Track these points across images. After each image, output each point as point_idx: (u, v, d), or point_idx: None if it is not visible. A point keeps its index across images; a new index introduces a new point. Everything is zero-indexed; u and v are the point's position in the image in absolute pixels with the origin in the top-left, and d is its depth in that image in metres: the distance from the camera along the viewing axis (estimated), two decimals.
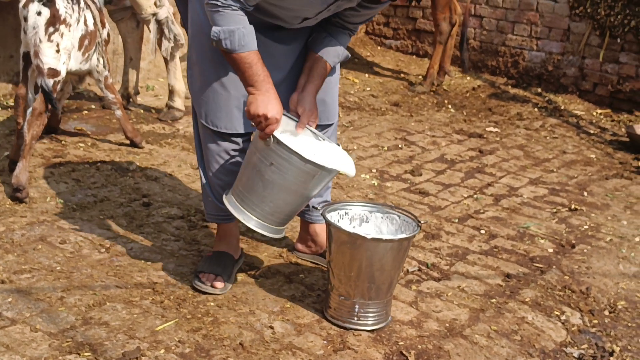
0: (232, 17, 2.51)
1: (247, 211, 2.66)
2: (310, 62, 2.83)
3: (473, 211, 3.98)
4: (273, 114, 2.54)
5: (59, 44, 3.53)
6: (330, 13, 2.73)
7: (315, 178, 2.61)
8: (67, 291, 2.77)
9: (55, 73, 3.53)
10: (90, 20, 3.81)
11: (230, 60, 2.59)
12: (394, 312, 2.87)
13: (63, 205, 3.50)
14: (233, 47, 2.52)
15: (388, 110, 5.94)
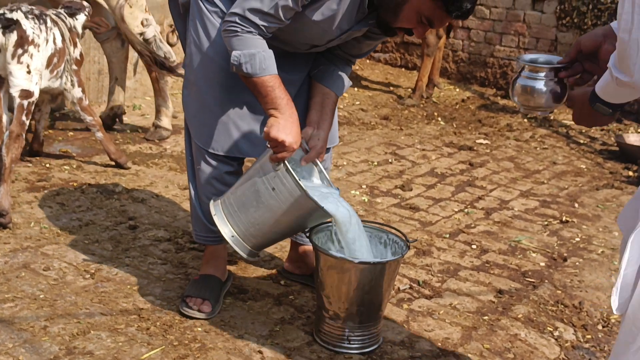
0: (251, 41, 2.48)
1: (229, 224, 2.60)
2: (320, 96, 2.82)
3: (464, 226, 3.94)
4: (292, 141, 2.49)
5: (29, 65, 3.50)
6: (340, 42, 2.73)
7: (310, 215, 2.59)
8: (50, 320, 2.71)
9: (29, 94, 3.50)
10: (59, 37, 3.78)
11: (251, 85, 2.54)
12: (385, 333, 2.82)
13: (47, 231, 3.45)
14: (254, 70, 2.48)
15: (378, 124, 5.90)
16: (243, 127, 2.79)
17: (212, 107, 2.77)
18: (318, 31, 2.64)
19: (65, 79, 3.94)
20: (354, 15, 2.60)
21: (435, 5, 2.43)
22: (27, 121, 3.51)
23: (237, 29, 2.48)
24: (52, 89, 3.92)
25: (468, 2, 2.43)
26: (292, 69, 2.81)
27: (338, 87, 2.87)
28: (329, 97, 2.84)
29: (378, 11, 2.57)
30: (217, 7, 2.70)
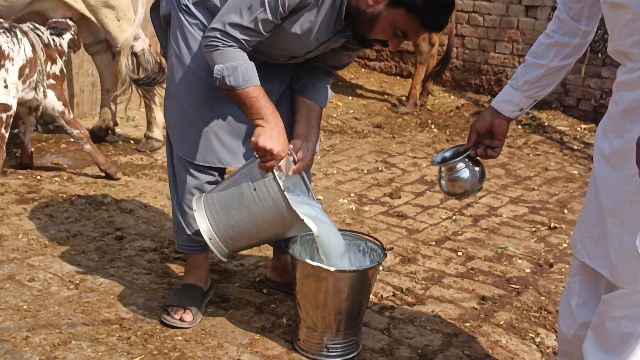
0: (233, 54, 2.51)
1: (209, 222, 2.62)
2: (304, 109, 2.86)
3: (451, 233, 3.96)
4: (279, 149, 2.51)
5: (6, 79, 3.54)
6: (318, 53, 2.76)
7: (290, 227, 2.61)
8: (32, 330, 2.74)
9: (6, 108, 3.56)
10: (29, 48, 3.84)
11: (235, 97, 2.56)
12: (366, 340, 2.84)
13: (35, 242, 3.48)
14: (237, 83, 2.51)
15: (370, 133, 5.93)
16: (224, 138, 2.82)
17: (193, 118, 2.79)
18: (296, 43, 2.67)
19: (39, 90, 3.98)
20: (331, 27, 2.63)
21: (410, 18, 2.46)
22: (6, 134, 3.55)
23: (218, 43, 2.51)
24: (27, 100, 3.96)
25: (442, 16, 2.47)
26: (272, 79, 2.84)
27: (321, 99, 2.90)
28: (314, 109, 2.88)
29: (354, 23, 2.60)
30: (197, 20, 2.73)
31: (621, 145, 2.01)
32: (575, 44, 2.20)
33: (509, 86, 2.33)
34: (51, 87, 4.05)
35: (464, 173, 2.41)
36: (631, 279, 1.98)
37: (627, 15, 1.90)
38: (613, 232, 2.01)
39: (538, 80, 2.26)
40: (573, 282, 2.27)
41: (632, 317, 2.05)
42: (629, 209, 1.97)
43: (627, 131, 1.98)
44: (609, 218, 2.02)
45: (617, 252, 2.00)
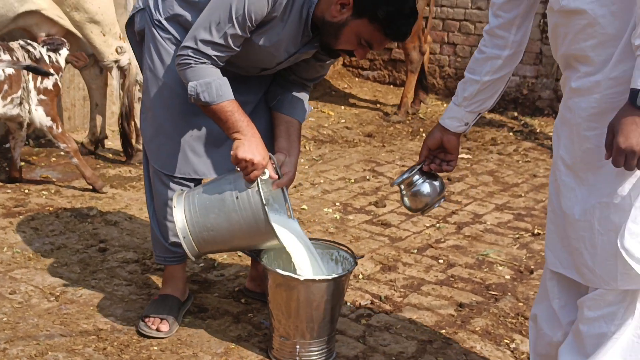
0: (205, 71, 2.55)
1: (186, 220, 2.64)
2: (284, 125, 2.90)
3: (434, 241, 3.98)
4: (260, 159, 2.55)
5: None
6: (289, 64, 2.81)
7: (264, 240, 2.67)
8: (10, 342, 2.77)
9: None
10: None
11: (210, 113, 2.60)
12: (340, 348, 2.86)
13: (19, 255, 3.52)
14: (212, 98, 2.55)
15: (361, 142, 5.96)
16: (199, 149, 2.86)
17: (167, 130, 2.84)
18: (266, 55, 2.72)
19: (26, 106, 4.03)
20: (299, 39, 2.68)
21: (373, 28, 2.51)
22: None
23: (190, 61, 2.55)
24: (13, 116, 4.02)
25: (404, 26, 2.53)
26: (246, 91, 2.88)
27: (299, 114, 2.95)
28: (292, 124, 2.92)
29: (320, 34, 2.64)
30: (170, 34, 2.78)
31: (584, 154, 2.05)
32: (506, 56, 2.25)
33: (452, 103, 2.39)
34: (41, 103, 4.11)
35: (423, 187, 2.48)
36: (610, 278, 2.04)
37: (584, 20, 1.96)
38: (585, 236, 2.06)
39: (475, 95, 2.32)
40: (551, 285, 2.29)
41: (605, 317, 2.09)
42: (599, 212, 2.01)
43: (587, 140, 2.02)
44: (580, 223, 2.07)
45: (592, 255, 2.05)
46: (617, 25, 1.91)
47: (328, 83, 7.69)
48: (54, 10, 4.42)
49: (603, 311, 2.10)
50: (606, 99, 1.96)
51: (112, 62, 4.77)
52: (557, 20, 2.05)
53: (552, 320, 2.32)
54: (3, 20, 4.24)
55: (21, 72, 3.97)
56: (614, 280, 2.03)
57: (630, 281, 2.02)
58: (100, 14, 4.59)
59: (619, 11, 1.90)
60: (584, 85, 2.02)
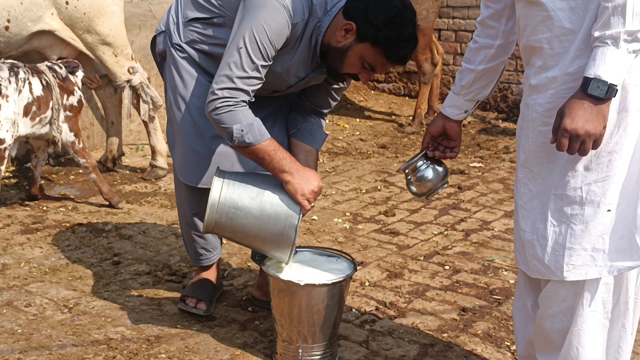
0: (244, 113, 2.61)
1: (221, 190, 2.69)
2: (303, 154, 3.04)
3: (441, 248, 4.04)
4: (318, 185, 2.71)
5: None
6: (298, 88, 2.97)
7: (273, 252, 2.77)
8: (24, 352, 2.88)
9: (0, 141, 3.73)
10: (38, 86, 4.02)
11: (253, 154, 2.65)
12: (343, 353, 2.94)
13: (36, 270, 3.64)
14: (255, 138, 2.61)
15: (374, 153, 6.04)
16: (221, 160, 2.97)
17: (190, 143, 2.97)
18: (278, 79, 2.87)
19: (55, 125, 4.16)
20: (308, 64, 2.84)
21: (375, 52, 2.66)
22: (0, 167, 3.72)
23: (229, 103, 2.59)
24: (42, 135, 4.15)
25: (404, 49, 2.67)
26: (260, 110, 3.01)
27: (317, 142, 3.10)
28: (311, 153, 3.08)
29: (327, 59, 2.79)
30: (186, 53, 2.94)
31: (537, 149, 2.15)
32: (497, 45, 2.34)
33: (451, 92, 2.51)
34: (66, 119, 4.25)
35: (427, 172, 2.61)
36: (557, 269, 2.13)
37: (543, 12, 2.06)
38: (539, 228, 2.16)
39: (472, 84, 2.42)
40: (523, 284, 2.39)
41: (564, 312, 2.17)
42: (553, 204, 2.10)
43: (541, 135, 2.11)
44: (536, 216, 2.17)
45: (543, 247, 2.14)
46: (574, 20, 2.00)
47: (344, 96, 7.79)
48: (67, 32, 4.57)
49: (561, 306, 2.20)
50: (560, 94, 2.06)
51: (124, 82, 4.92)
52: (520, 12, 2.16)
53: (527, 320, 2.40)
54: (18, 39, 4.39)
55: (51, 93, 4.10)
56: (560, 272, 2.13)
57: (576, 273, 2.11)
58: (112, 36, 4.73)
59: (577, 7, 1.99)
60: (541, 81, 2.12)
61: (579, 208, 2.07)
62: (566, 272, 2.11)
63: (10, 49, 4.39)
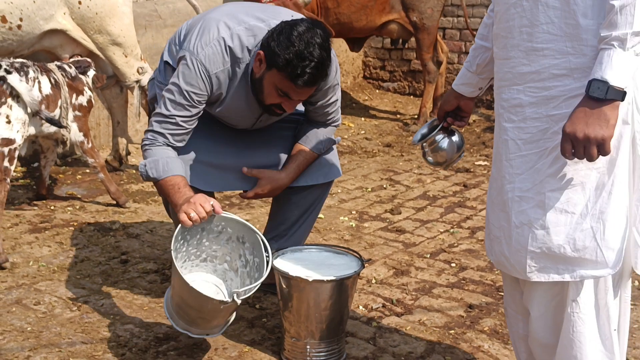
0: (156, 151, 2.82)
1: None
2: (295, 150, 3.16)
3: (447, 245, 4.06)
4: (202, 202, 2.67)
5: (9, 115, 3.74)
6: (263, 124, 3.10)
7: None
8: (34, 350, 2.90)
9: (9, 142, 3.74)
10: (47, 85, 4.03)
11: (158, 188, 2.86)
12: (350, 349, 2.95)
13: (44, 268, 3.66)
14: (158, 174, 2.78)
15: (379, 152, 6.06)
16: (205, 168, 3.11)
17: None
18: (236, 119, 3.04)
19: (65, 124, 4.18)
20: (254, 102, 2.93)
21: (281, 77, 2.71)
22: (10, 167, 3.74)
23: (147, 143, 2.86)
24: (50, 133, 4.17)
25: (306, 69, 2.66)
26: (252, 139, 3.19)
27: (314, 146, 3.18)
28: (302, 152, 3.17)
29: (255, 93, 2.87)
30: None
31: (500, 145, 2.16)
32: None
33: (465, 69, 2.44)
34: (75, 119, 4.27)
35: (444, 143, 2.59)
36: (521, 269, 2.14)
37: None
38: (504, 226, 2.16)
39: (488, 62, 2.35)
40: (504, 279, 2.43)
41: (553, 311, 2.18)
42: (517, 204, 2.10)
43: (504, 131, 2.12)
44: (501, 214, 2.17)
45: (508, 245, 2.15)
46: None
47: (349, 96, 7.81)
48: (78, 32, 4.59)
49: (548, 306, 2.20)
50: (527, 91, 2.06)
51: (133, 82, 4.94)
52: None
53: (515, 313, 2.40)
54: (30, 38, 4.41)
55: (59, 92, 4.13)
56: (524, 272, 2.13)
57: (539, 275, 2.11)
58: (123, 36, 4.76)
59: None
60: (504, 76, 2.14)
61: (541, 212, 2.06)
62: (529, 273, 2.11)
63: (23, 48, 4.41)
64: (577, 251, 2.05)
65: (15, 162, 3.77)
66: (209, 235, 2.82)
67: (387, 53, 8.17)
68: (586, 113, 1.87)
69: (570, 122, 1.89)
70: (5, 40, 4.30)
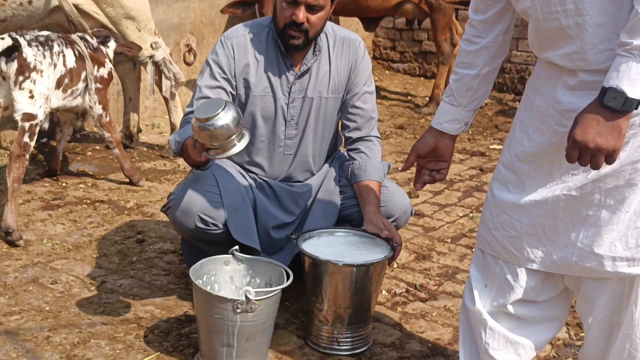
0: (188, 126, 2.76)
1: None
2: (365, 193, 3.01)
3: (467, 230, 3.99)
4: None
5: (32, 90, 3.65)
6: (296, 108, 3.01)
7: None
8: (53, 330, 2.83)
9: (31, 117, 3.65)
10: (71, 58, 3.94)
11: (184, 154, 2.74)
12: (377, 335, 2.89)
13: (59, 247, 3.59)
14: (181, 138, 2.73)
15: (392, 134, 5.98)
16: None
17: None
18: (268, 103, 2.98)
19: (88, 96, 4.10)
20: (281, 64, 2.95)
21: None
22: (30, 142, 3.65)
23: (182, 121, 2.95)
24: (72, 107, 4.08)
25: None
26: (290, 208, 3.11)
27: (373, 174, 3.08)
28: (365, 188, 3.04)
29: (276, 29, 2.92)
30: None
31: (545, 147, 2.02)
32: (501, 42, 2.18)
33: (447, 105, 2.27)
34: (96, 91, 4.17)
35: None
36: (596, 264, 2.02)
37: None
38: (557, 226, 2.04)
39: (475, 91, 2.22)
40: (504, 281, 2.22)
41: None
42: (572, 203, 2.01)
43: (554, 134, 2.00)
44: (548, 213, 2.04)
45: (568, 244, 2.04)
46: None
47: None
48: (90, 6, 4.48)
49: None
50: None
51: (147, 57, 4.83)
52: None
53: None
54: (39, 12, 4.30)
55: (84, 64, 4.03)
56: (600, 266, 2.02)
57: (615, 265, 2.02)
58: (136, 9, 4.66)
59: None
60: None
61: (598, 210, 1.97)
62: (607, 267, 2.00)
63: (32, 22, 4.31)
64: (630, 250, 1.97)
65: (35, 138, 3.68)
66: None
67: (397, 33, 8.08)
68: (599, 122, 1.76)
69: (581, 130, 1.78)
70: (16, 15, 4.20)
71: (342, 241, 2.86)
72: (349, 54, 3.04)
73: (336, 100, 3.05)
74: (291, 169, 3.10)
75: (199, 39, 6.33)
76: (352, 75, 3.02)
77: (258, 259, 2.79)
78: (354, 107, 3.06)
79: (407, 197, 3.17)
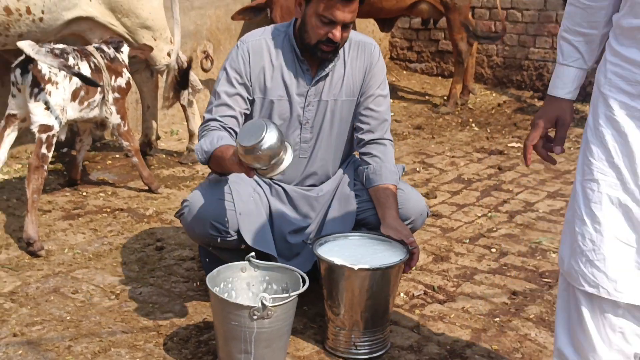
0: (210, 133, 2.86)
1: None
2: (383, 197, 3.00)
3: (485, 230, 3.98)
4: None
5: (48, 102, 3.69)
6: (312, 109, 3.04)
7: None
8: (74, 340, 2.87)
9: (47, 128, 3.70)
10: (86, 70, 3.97)
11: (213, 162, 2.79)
12: (395, 338, 2.89)
13: (80, 256, 3.63)
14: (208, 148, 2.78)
15: (410, 134, 5.98)
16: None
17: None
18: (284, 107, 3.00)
19: (105, 107, 4.14)
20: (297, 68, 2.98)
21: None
22: (48, 153, 3.70)
23: (201, 129, 2.96)
24: (90, 118, 4.12)
25: None
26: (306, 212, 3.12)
27: (387, 178, 3.04)
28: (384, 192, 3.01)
29: (302, 40, 2.91)
30: None
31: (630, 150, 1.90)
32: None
33: (576, 69, 2.09)
34: (114, 101, 4.21)
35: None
36: None
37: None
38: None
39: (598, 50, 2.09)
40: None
41: None
42: None
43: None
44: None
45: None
46: None
47: None
48: (106, 17, 4.52)
49: None
50: None
51: (164, 65, 4.87)
52: None
53: None
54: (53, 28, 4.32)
55: (100, 76, 4.07)
56: None
57: None
58: (152, 19, 4.69)
59: None
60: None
61: None
62: None
63: (48, 36, 4.36)
64: None
65: (52, 149, 3.73)
66: None
67: (414, 33, 8.07)
68: None
69: None
70: (30, 31, 4.25)
71: (357, 244, 2.87)
72: (364, 57, 3.05)
73: (351, 103, 3.07)
74: (306, 172, 3.12)
75: (215, 46, 6.37)
76: (367, 78, 3.05)
77: (274, 265, 2.81)
78: (367, 109, 3.07)
79: (422, 199, 3.16)
